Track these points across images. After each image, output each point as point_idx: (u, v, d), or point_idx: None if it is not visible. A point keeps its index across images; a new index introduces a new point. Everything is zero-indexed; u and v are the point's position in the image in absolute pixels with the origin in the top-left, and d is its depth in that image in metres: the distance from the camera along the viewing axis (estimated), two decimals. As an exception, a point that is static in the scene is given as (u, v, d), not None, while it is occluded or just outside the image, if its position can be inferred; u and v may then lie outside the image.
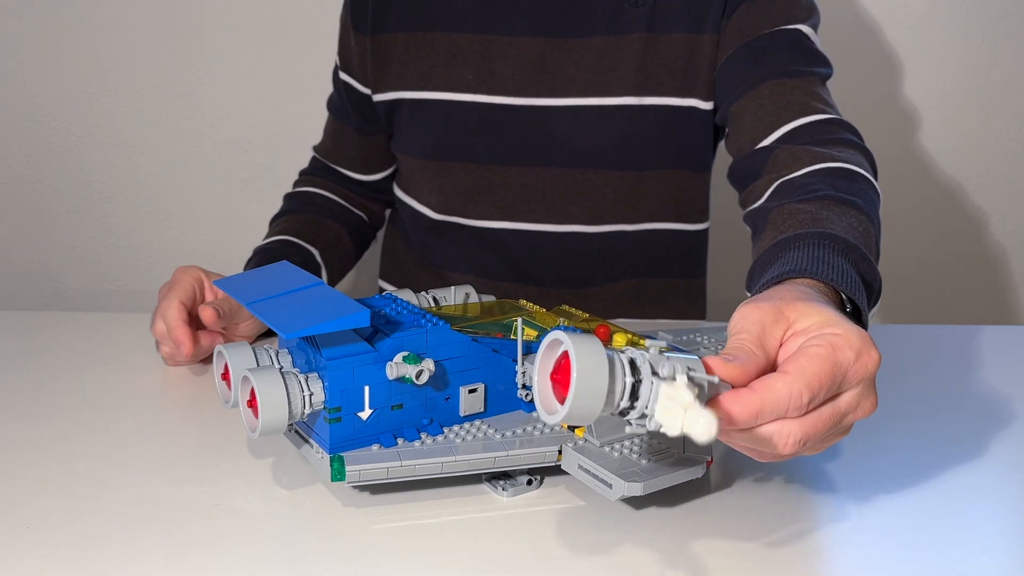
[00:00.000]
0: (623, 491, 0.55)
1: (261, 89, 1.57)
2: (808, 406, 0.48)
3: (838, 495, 0.63)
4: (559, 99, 0.98)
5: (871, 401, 0.51)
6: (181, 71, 1.56)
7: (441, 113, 1.01)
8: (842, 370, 0.49)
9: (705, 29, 0.94)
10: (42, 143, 1.60)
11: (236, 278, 0.66)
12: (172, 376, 0.81)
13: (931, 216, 1.62)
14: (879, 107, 1.55)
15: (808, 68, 0.90)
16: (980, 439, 0.71)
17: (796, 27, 0.92)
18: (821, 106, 0.87)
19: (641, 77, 0.96)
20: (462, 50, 0.99)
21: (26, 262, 1.66)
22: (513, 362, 0.63)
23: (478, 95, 0.99)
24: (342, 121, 1.12)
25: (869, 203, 0.74)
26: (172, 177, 1.61)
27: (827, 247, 0.63)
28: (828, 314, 0.51)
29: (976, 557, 0.55)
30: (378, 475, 0.57)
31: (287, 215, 1.09)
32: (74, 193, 1.62)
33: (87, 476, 0.63)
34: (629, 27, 0.96)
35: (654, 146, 0.99)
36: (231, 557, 0.54)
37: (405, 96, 1.02)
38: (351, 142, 1.13)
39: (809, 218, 0.69)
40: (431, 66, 1.00)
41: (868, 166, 0.81)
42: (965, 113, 1.57)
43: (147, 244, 1.65)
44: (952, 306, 1.67)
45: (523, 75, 0.98)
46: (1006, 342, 0.92)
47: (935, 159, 1.60)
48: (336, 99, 1.13)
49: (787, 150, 0.83)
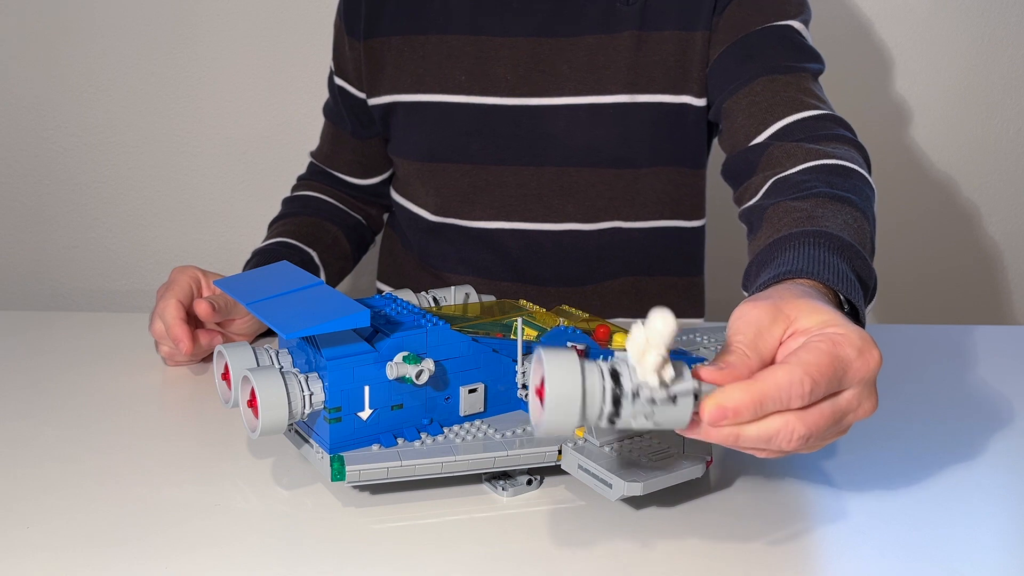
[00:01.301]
0: (623, 491, 0.55)
1: (260, 90, 1.57)
2: (810, 396, 0.48)
3: (838, 495, 0.63)
4: (552, 98, 0.98)
5: (872, 402, 0.51)
6: (181, 72, 1.56)
7: (435, 115, 1.01)
8: (843, 364, 0.49)
9: (697, 26, 0.94)
10: (42, 143, 1.60)
11: (236, 278, 0.66)
12: (172, 376, 0.81)
13: (929, 215, 1.62)
14: (876, 106, 1.55)
15: (800, 64, 0.90)
16: (979, 439, 0.71)
17: (787, 23, 0.92)
18: (814, 102, 0.88)
19: (633, 75, 0.96)
20: (455, 52, 1.00)
21: (26, 262, 1.66)
22: (513, 362, 0.63)
23: (472, 96, 0.99)
24: (338, 126, 1.13)
25: (863, 199, 0.74)
26: (172, 177, 1.61)
27: (823, 246, 0.63)
28: (830, 314, 0.51)
29: (976, 557, 0.55)
30: (378, 475, 0.57)
31: (285, 218, 1.09)
32: (74, 193, 1.62)
33: (87, 476, 0.63)
34: (621, 25, 0.96)
35: (648, 144, 0.99)
36: (231, 557, 0.54)
37: (399, 99, 1.03)
38: (348, 147, 1.13)
39: (804, 216, 0.70)
40: (425, 68, 1.01)
41: (862, 161, 0.81)
42: (963, 112, 1.57)
43: (147, 244, 1.65)
44: (950, 306, 1.67)
45: (516, 75, 0.98)
46: (1004, 342, 0.92)
47: (932, 158, 1.60)
48: (332, 104, 1.13)
49: (781, 147, 0.83)
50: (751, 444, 0.49)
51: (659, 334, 0.44)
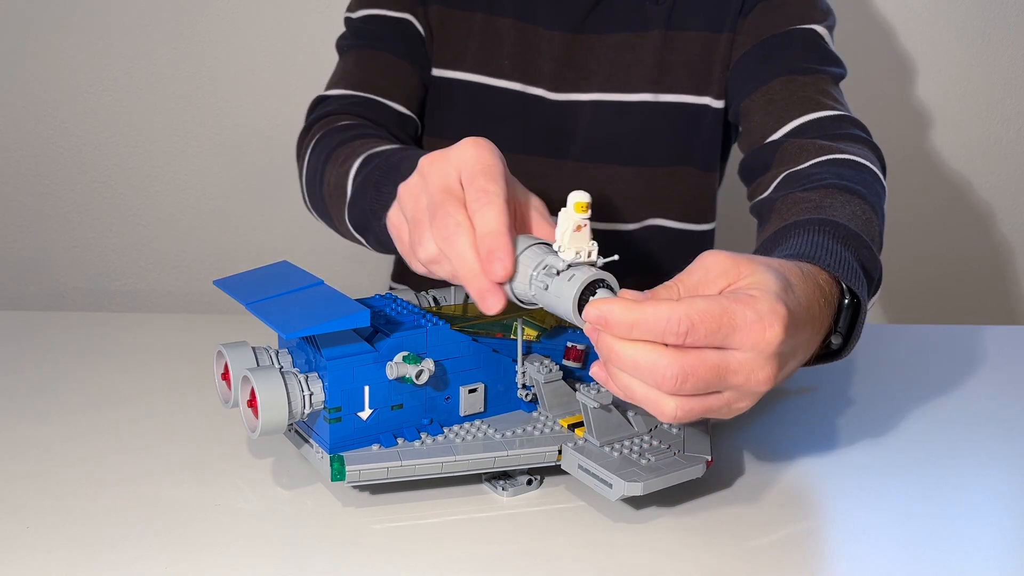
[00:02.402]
0: (623, 491, 0.55)
1: (260, 90, 1.57)
2: (686, 337, 0.47)
3: (838, 495, 0.63)
4: (579, 94, 0.98)
5: (766, 374, 0.50)
6: (183, 71, 1.56)
7: (470, 95, 0.99)
8: (733, 321, 0.48)
9: (723, 28, 0.95)
10: (43, 142, 1.60)
11: (236, 278, 0.66)
12: (172, 376, 0.81)
13: (936, 215, 1.62)
14: (888, 107, 1.55)
15: (820, 67, 0.90)
16: (982, 440, 0.71)
17: (811, 27, 0.92)
18: (831, 102, 0.87)
19: (658, 74, 0.96)
20: (500, 34, 0.98)
21: (27, 261, 1.66)
22: (513, 362, 0.63)
23: (512, 83, 0.98)
24: (378, 49, 0.95)
25: (873, 194, 0.73)
26: (173, 177, 1.61)
27: (828, 234, 0.62)
28: (774, 282, 0.50)
29: (976, 557, 0.55)
30: (378, 475, 0.57)
31: (364, 138, 0.82)
32: (75, 193, 1.62)
33: (87, 476, 0.63)
34: (649, 24, 0.96)
35: (667, 143, 0.99)
36: (231, 557, 0.54)
37: (434, 73, 0.99)
38: (392, 69, 0.95)
39: (812, 206, 0.69)
40: (466, 46, 0.98)
41: (876, 160, 0.81)
42: (974, 113, 1.57)
43: (147, 244, 1.65)
44: (956, 306, 1.67)
45: (553, 68, 0.98)
46: (1010, 343, 0.92)
47: (944, 158, 1.60)
48: (366, 28, 0.97)
49: (795, 143, 0.84)
50: (626, 367, 0.49)
51: (566, 210, 0.52)
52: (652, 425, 0.62)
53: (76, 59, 1.55)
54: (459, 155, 0.56)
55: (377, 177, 0.70)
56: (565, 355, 0.66)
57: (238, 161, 1.60)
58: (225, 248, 1.65)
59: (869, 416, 0.75)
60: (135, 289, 1.67)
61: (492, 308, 0.54)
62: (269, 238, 1.64)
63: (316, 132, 0.88)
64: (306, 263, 1.02)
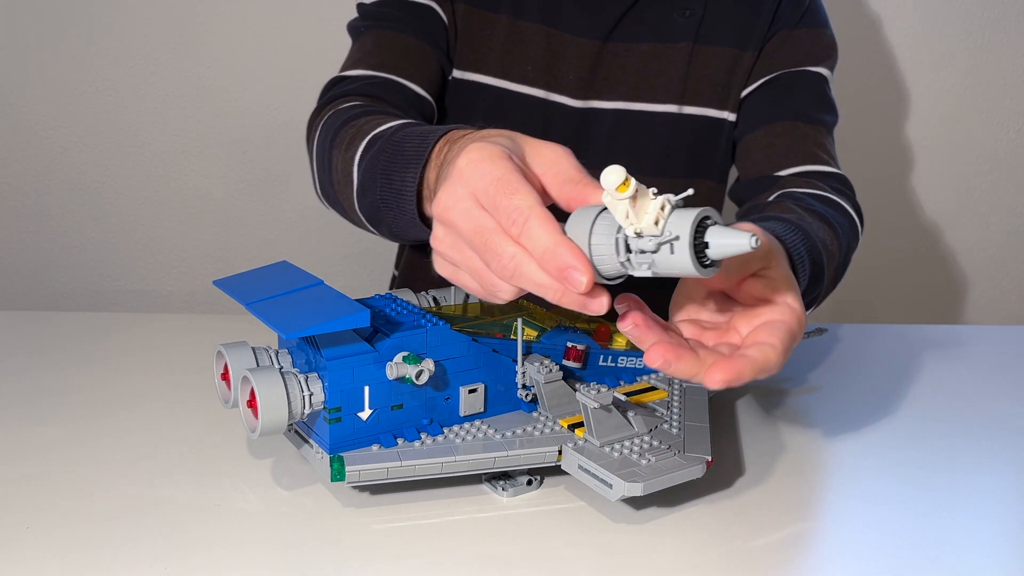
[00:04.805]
0: (623, 491, 0.55)
1: (260, 90, 1.57)
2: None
3: (838, 495, 0.63)
4: (604, 102, 0.97)
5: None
6: (181, 72, 1.56)
7: (491, 99, 0.97)
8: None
9: (748, 46, 0.95)
10: (43, 143, 1.60)
11: (236, 278, 0.66)
12: (172, 376, 0.81)
13: (936, 215, 1.62)
14: (889, 107, 1.55)
15: (822, 116, 0.94)
16: (981, 439, 0.71)
17: (818, 70, 0.95)
18: (826, 158, 0.92)
19: (683, 86, 0.96)
20: (525, 40, 0.96)
21: (27, 262, 1.66)
22: (513, 362, 0.63)
23: (535, 89, 0.96)
24: (398, 31, 0.92)
25: (844, 234, 0.79)
26: (172, 177, 1.61)
27: (800, 235, 0.67)
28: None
29: (976, 557, 0.55)
30: (378, 475, 0.57)
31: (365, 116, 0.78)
32: (74, 193, 1.62)
33: (87, 476, 0.63)
34: (676, 36, 0.95)
35: (687, 155, 0.99)
36: (231, 557, 0.54)
37: (455, 75, 0.97)
38: (413, 51, 0.92)
39: (796, 217, 0.73)
40: (490, 48, 0.96)
41: (857, 218, 0.86)
42: (968, 111, 1.57)
43: (147, 244, 1.65)
44: (956, 306, 1.67)
45: (578, 76, 0.96)
46: (1010, 343, 0.92)
47: (944, 158, 1.60)
48: (386, 12, 0.94)
49: (794, 180, 0.89)
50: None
51: (609, 195, 0.46)
52: (652, 425, 0.62)
53: (75, 60, 1.55)
54: (465, 182, 0.52)
55: (383, 162, 0.67)
56: (565, 355, 0.66)
57: (238, 161, 1.60)
58: (225, 248, 1.65)
59: (869, 416, 0.75)
60: (135, 289, 1.67)
61: (599, 309, 0.49)
62: (269, 238, 1.64)
63: (326, 113, 0.85)
64: (306, 263, 1.02)
